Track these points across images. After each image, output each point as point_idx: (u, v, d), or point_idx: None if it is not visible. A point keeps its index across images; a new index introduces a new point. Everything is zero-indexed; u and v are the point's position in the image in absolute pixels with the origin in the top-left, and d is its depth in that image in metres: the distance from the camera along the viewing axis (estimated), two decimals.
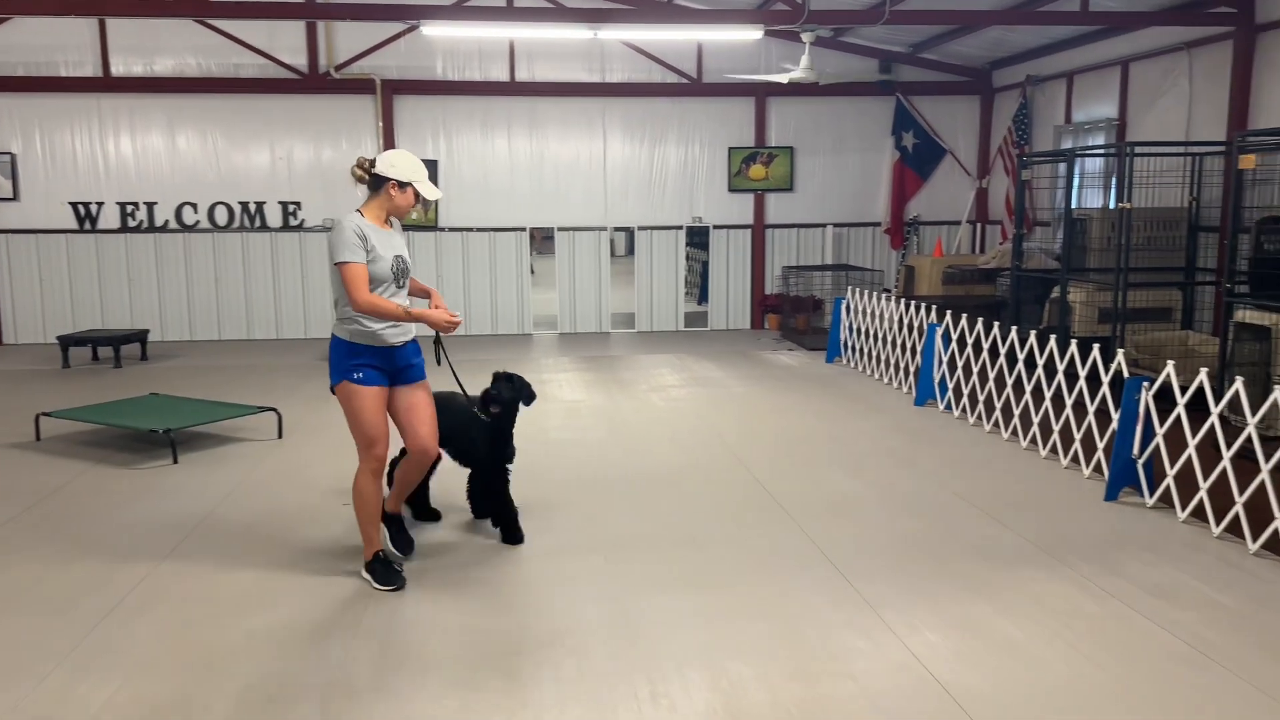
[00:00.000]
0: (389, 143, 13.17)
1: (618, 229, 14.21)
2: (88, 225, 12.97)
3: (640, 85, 13.44)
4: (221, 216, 13.13)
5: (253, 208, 13.15)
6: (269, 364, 11.35)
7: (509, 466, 5.42)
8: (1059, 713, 3.61)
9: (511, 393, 5.31)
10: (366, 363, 4.69)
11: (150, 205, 13.00)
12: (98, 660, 4.07)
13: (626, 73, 13.43)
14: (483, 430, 5.30)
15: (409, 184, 4.71)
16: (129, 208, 12.98)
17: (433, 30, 10.31)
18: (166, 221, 13.05)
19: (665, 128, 13.65)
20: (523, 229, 13.56)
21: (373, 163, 4.70)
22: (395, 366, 4.81)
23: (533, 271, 14.12)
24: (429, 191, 4.79)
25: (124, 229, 13.01)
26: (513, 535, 5.39)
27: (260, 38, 12.78)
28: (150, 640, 4.26)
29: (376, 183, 4.71)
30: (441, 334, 4.91)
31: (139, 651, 4.15)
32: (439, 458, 5.26)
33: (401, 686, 3.85)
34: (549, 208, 13.50)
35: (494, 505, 5.44)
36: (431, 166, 13.27)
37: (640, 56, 13.36)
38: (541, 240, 21.87)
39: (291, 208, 13.21)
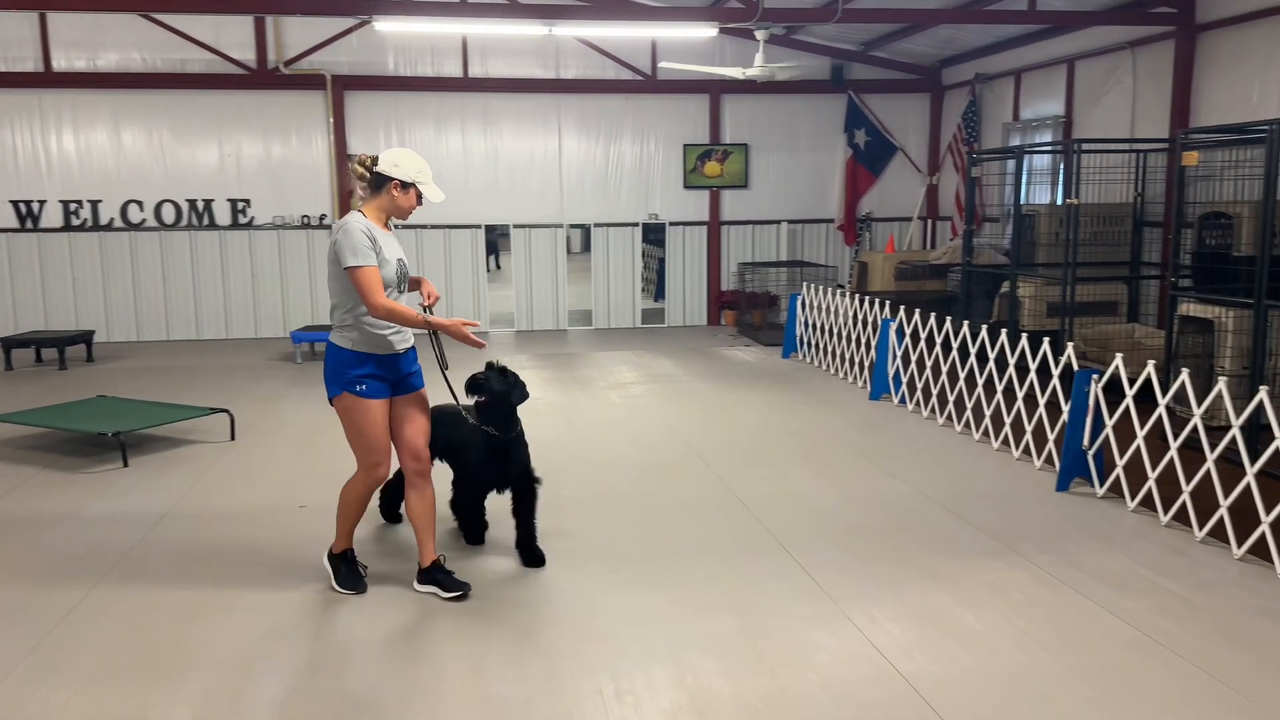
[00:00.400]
0: (340, 139, 13.02)
1: (573, 226, 14.17)
2: (29, 224, 12.66)
3: (595, 82, 13.43)
4: (169, 214, 12.89)
5: (201, 205, 12.93)
6: (219, 365, 11.17)
7: (536, 487, 5.10)
8: (1016, 699, 3.69)
9: (503, 386, 4.88)
10: (370, 373, 4.47)
11: (94, 203, 12.72)
12: (52, 667, 3.99)
13: (581, 69, 13.41)
14: (479, 447, 4.96)
15: (412, 185, 4.48)
16: (72, 206, 12.69)
17: (385, 26, 10.21)
18: (111, 220, 12.78)
19: (620, 125, 13.65)
20: (478, 226, 13.49)
21: (374, 160, 4.46)
22: (398, 375, 4.59)
23: (499, 267, 14.04)
24: (433, 194, 4.57)
25: (67, 228, 12.71)
26: (532, 558, 5.05)
27: (207, 32, 12.56)
28: (105, 647, 4.18)
29: (378, 182, 4.46)
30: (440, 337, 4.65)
31: (94, 658, 4.07)
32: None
33: (364, 689, 3.82)
34: (504, 205, 13.44)
35: (520, 528, 5.11)
36: None
37: (594, 53, 13.34)
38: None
39: (241, 205, 13.01)
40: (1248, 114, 8.45)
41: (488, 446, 4.95)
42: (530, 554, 5.05)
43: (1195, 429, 5.37)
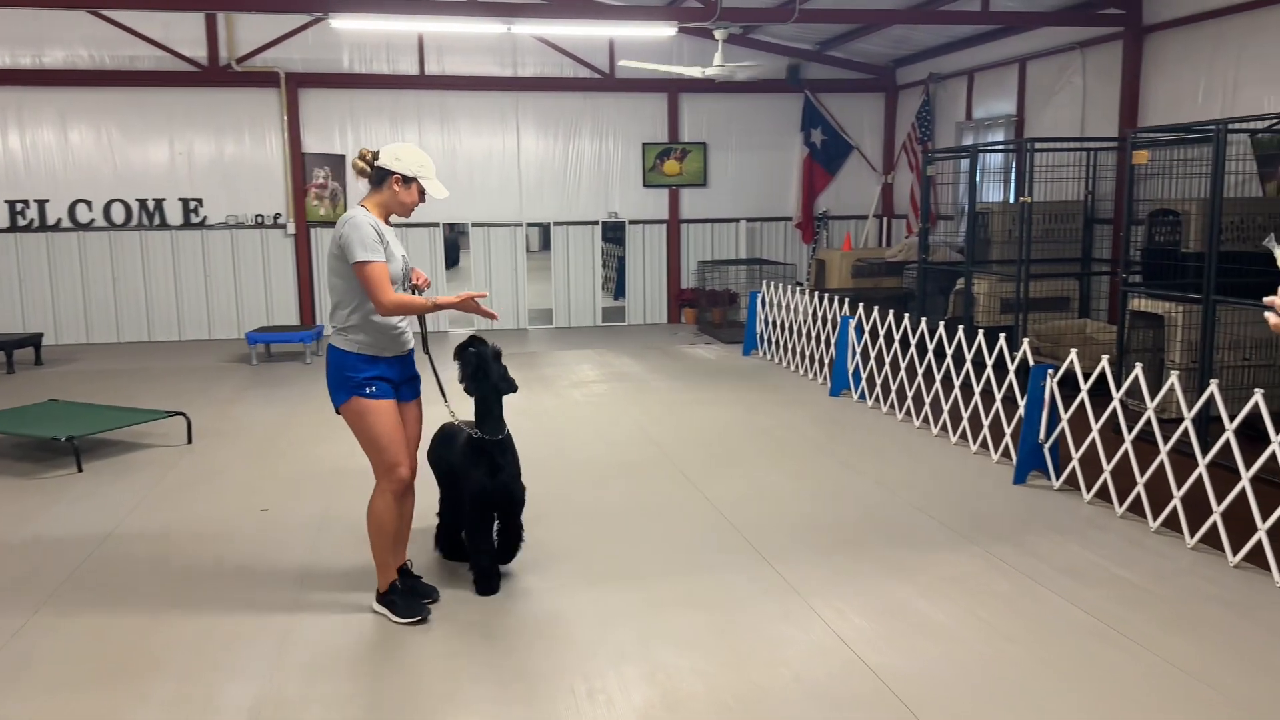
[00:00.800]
0: (294, 137, 12.86)
1: (532, 225, 14.13)
2: None
3: (553, 80, 13.40)
4: (118, 214, 12.65)
5: (151, 205, 12.70)
6: (173, 367, 10.99)
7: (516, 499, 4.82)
8: (982, 689, 3.76)
9: (490, 356, 4.62)
10: (379, 375, 4.30)
11: (41, 203, 12.44)
12: (13, 677, 3.91)
13: (539, 67, 13.37)
14: (466, 453, 4.71)
15: (414, 180, 4.36)
16: (19, 206, 12.39)
17: (343, 23, 10.11)
18: (59, 220, 12.50)
19: (579, 123, 13.63)
20: (436, 225, 13.40)
21: (376, 155, 4.33)
22: (402, 377, 4.44)
23: (456, 264, 13.94)
24: (436, 189, 4.44)
25: (13, 228, 12.41)
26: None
27: (156, 29, 12.33)
28: (68, 654, 4.10)
29: (379, 177, 4.34)
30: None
31: (57, 666, 4.00)
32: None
33: (333, 693, 3.79)
34: (463, 203, 13.36)
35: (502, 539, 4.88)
36: (339, 161, 13.02)
37: (553, 51, 13.31)
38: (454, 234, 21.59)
39: (193, 204, 12.80)
40: (1193, 113, 8.66)
41: (475, 450, 4.66)
42: (501, 551, 4.86)
43: (1149, 422, 5.49)
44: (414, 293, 4.52)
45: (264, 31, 12.58)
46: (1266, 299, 1.82)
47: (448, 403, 4.68)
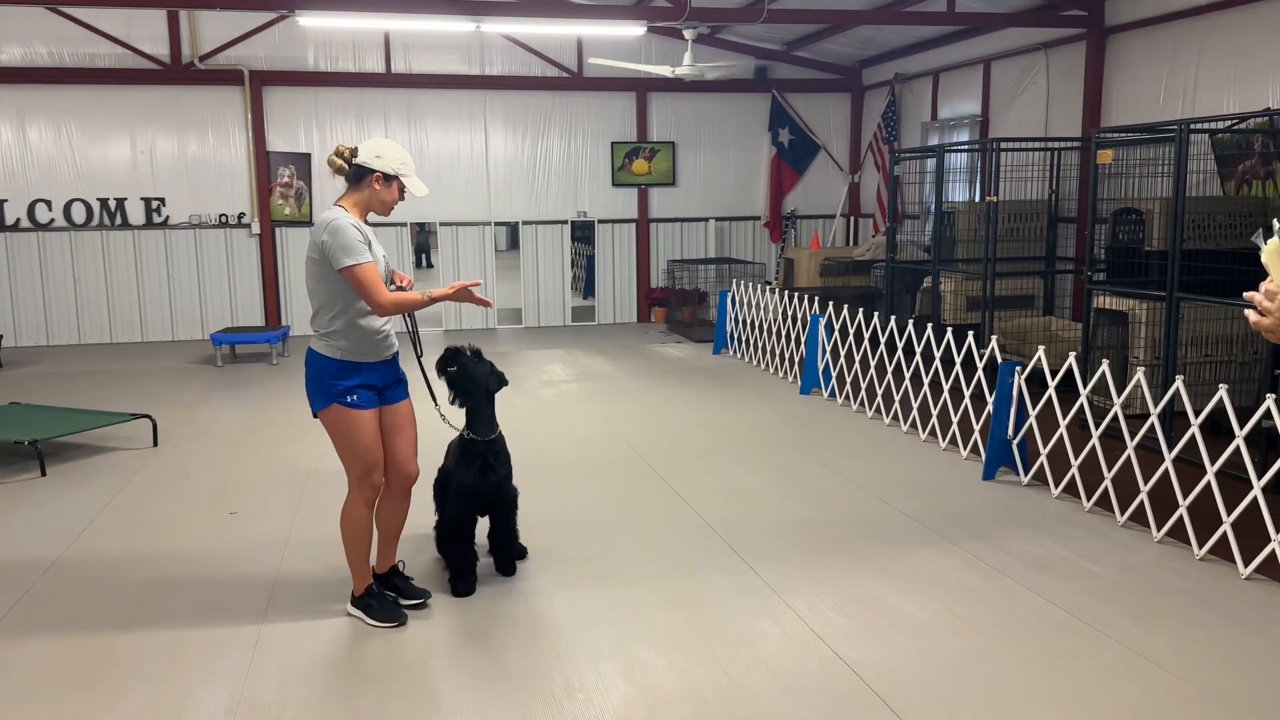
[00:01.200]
0: (259, 135, 12.72)
1: (500, 223, 14.08)
2: None
3: (521, 79, 13.36)
4: (79, 214, 12.44)
5: (113, 204, 12.50)
6: (136, 369, 10.83)
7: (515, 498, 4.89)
8: (958, 682, 3.80)
9: (477, 364, 4.66)
10: (361, 383, 4.21)
11: None
12: None
13: (507, 66, 13.32)
14: (464, 462, 4.72)
15: (395, 178, 4.24)
16: None
17: (310, 21, 10.00)
18: (18, 220, 12.27)
19: (547, 122, 13.60)
20: (404, 224, 13.32)
21: (354, 151, 4.20)
22: (385, 382, 4.35)
23: (427, 264, 13.85)
24: (417, 187, 4.31)
25: None
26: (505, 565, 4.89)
27: (117, 26, 12.15)
28: (36, 661, 4.03)
29: (358, 175, 4.21)
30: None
31: (24, 674, 3.93)
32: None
33: (308, 697, 3.76)
34: (430, 202, 13.27)
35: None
36: (304, 160, 12.90)
37: (520, 50, 13.27)
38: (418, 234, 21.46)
39: (155, 204, 12.62)
40: (1155, 114, 8.80)
41: (466, 451, 4.68)
42: (503, 561, 4.88)
43: (1116, 418, 5.58)
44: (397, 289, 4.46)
45: (227, 29, 12.43)
46: (1247, 294, 1.82)
47: (438, 406, 4.69)
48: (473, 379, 4.65)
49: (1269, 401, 4.74)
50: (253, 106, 12.63)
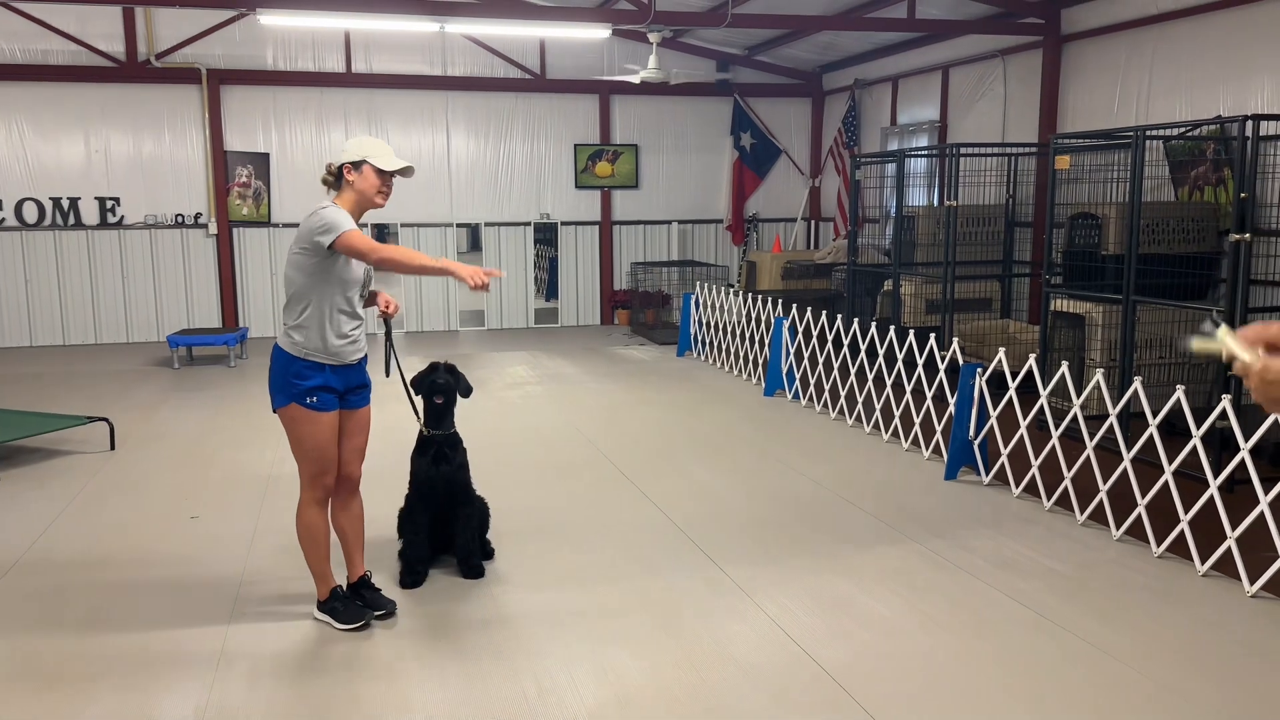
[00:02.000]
0: (216, 135, 12.55)
1: (462, 225, 14.01)
2: None
3: (483, 80, 13.32)
4: (30, 214, 12.18)
5: (66, 204, 12.27)
6: (91, 371, 10.62)
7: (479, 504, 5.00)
8: (926, 680, 3.85)
9: (449, 380, 4.86)
10: (321, 385, 4.15)
11: None
12: None
13: (469, 67, 13.27)
14: (420, 453, 4.88)
15: (363, 161, 4.18)
16: None
17: (271, 20, 9.89)
18: None
19: (510, 123, 13.56)
20: (364, 225, 13.19)
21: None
22: (348, 386, 4.29)
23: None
24: (387, 161, 4.19)
25: None
26: (469, 568, 4.90)
27: (71, 22, 11.93)
28: None
29: (338, 176, 4.23)
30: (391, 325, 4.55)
31: None
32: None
33: (277, 701, 3.72)
34: (391, 203, 13.12)
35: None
36: (263, 160, 12.74)
37: (483, 51, 13.23)
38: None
39: (110, 204, 12.40)
40: (1109, 120, 8.98)
41: (423, 443, 4.86)
42: (467, 564, 4.89)
43: (1075, 419, 5.68)
44: (383, 321, 4.51)
45: (184, 27, 12.25)
46: (1239, 352, 1.76)
47: (419, 415, 4.86)
48: (452, 400, 4.91)
49: (1225, 402, 4.86)
50: (210, 105, 12.46)
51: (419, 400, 4.88)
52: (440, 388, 4.84)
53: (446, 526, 4.90)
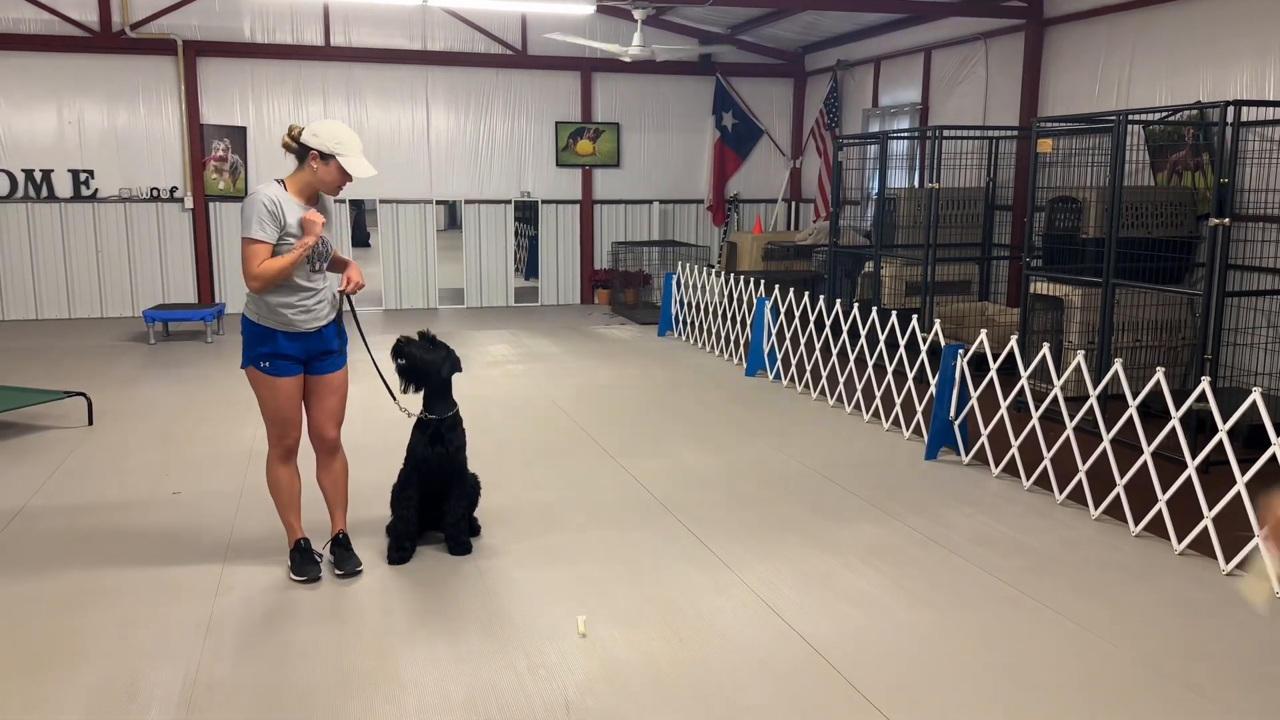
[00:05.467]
0: (192, 107, 12.38)
1: (441, 202, 13.93)
2: None
3: (464, 55, 13.20)
4: (2, 186, 11.99)
5: (38, 176, 12.08)
6: (66, 346, 10.50)
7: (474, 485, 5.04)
8: (907, 653, 3.91)
9: (430, 353, 4.77)
10: (274, 351, 4.31)
11: None
12: None
13: (449, 41, 13.15)
14: (417, 436, 4.86)
15: (332, 157, 4.21)
16: None
17: None
18: None
19: (491, 100, 13.47)
20: (342, 201, 13.09)
21: (302, 131, 4.24)
22: (310, 353, 4.41)
23: (366, 243, 13.66)
24: (358, 168, 4.24)
25: None
26: (457, 545, 4.89)
27: None
28: None
29: (302, 153, 4.23)
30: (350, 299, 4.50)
31: None
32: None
33: (265, 676, 3.72)
34: (370, 179, 13.05)
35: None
36: (240, 133, 12.59)
37: (464, 26, 13.11)
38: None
39: (84, 176, 12.22)
40: (1090, 104, 9.05)
41: (421, 426, 4.84)
42: (454, 541, 4.88)
43: (1055, 400, 5.75)
44: (344, 297, 4.50)
45: None
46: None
47: (397, 401, 4.85)
48: (424, 370, 4.78)
49: (1204, 384, 4.94)
50: (186, 77, 12.28)
51: (396, 381, 4.84)
52: (401, 350, 4.74)
53: (438, 504, 4.91)
